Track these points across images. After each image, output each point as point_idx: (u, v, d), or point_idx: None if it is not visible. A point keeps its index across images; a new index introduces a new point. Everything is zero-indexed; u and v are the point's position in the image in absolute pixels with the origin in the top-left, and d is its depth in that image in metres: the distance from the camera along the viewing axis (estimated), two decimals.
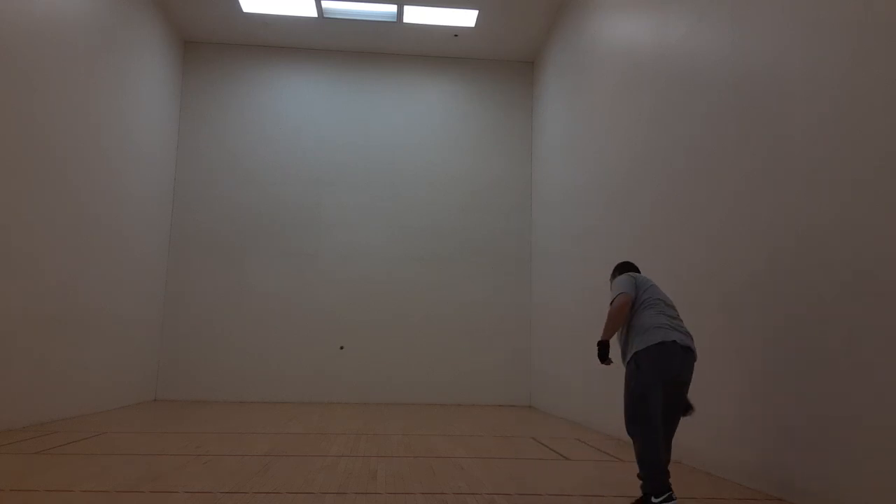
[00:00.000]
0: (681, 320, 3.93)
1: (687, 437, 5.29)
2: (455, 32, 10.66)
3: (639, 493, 3.69)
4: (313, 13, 10.16)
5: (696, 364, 5.37)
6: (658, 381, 3.67)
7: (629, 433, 3.75)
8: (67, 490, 3.92)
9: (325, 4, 9.98)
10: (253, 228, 10.88)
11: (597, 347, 3.90)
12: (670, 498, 3.50)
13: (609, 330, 3.89)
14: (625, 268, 4.34)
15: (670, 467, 3.71)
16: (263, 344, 10.56)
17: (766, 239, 4.37)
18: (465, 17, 10.21)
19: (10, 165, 6.27)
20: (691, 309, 5.37)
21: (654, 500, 3.51)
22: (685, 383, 3.83)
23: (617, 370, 6.97)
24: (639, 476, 3.66)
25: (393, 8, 9.99)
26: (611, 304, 3.92)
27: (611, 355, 3.97)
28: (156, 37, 9.91)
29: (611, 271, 4.41)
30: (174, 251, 10.68)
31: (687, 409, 3.86)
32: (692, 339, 3.84)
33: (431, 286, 10.96)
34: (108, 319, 8.44)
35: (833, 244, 3.74)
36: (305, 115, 11.24)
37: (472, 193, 11.25)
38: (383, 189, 11.18)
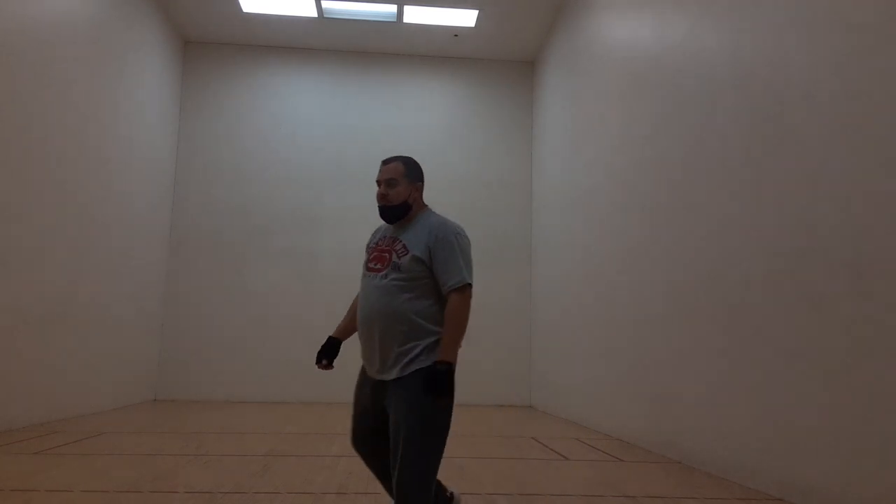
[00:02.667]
0: None
1: (687, 438, 5.30)
2: (455, 32, 10.66)
3: (639, 494, 3.69)
4: (313, 13, 10.16)
5: (695, 363, 5.39)
6: None
7: (431, 468, 2.50)
8: (67, 490, 3.92)
9: (325, 4, 9.98)
10: (253, 228, 10.88)
11: (441, 376, 2.43)
12: None
13: (461, 338, 2.56)
14: (420, 172, 2.94)
15: (669, 468, 3.70)
16: (263, 344, 10.55)
17: (766, 238, 4.36)
18: (465, 17, 10.20)
19: (10, 165, 6.27)
20: (691, 308, 5.38)
21: None
22: None
23: (619, 367, 7.00)
24: None
25: (393, 8, 9.98)
26: (457, 288, 2.56)
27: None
28: (156, 37, 9.91)
29: (407, 164, 2.92)
30: (174, 251, 10.67)
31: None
32: None
33: None
34: (108, 319, 8.44)
35: (833, 244, 3.74)
36: (305, 114, 11.24)
37: (472, 193, 11.24)
38: None
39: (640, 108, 6.71)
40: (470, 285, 2.58)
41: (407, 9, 9.95)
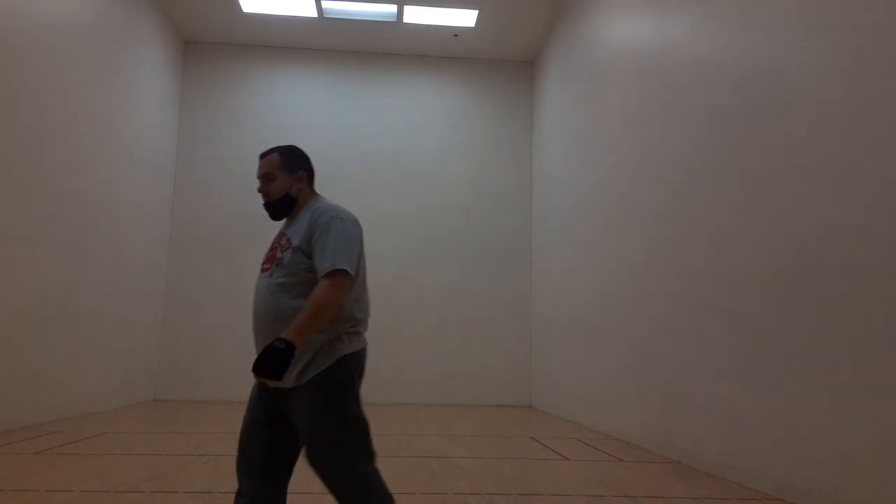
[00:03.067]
0: None
1: (687, 438, 5.30)
2: (455, 32, 10.66)
3: (639, 493, 3.69)
4: (313, 13, 10.16)
5: (694, 363, 5.39)
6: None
7: (360, 479, 2.34)
8: (67, 490, 3.92)
9: (325, 4, 9.98)
10: (253, 228, 10.83)
11: (270, 352, 2.12)
12: None
13: (315, 326, 2.19)
14: (302, 160, 2.70)
15: (669, 468, 3.69)
16: None
17: (767, 238, 4.37)
18: (465, 17, 10.21)
19: (10, 165, 6.27)
20: (691, 308, 5.38)
21: None
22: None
23: (619, 367, 7.00)
24: None
25: (393, 8, 9.98)
26: (327, 273, 2.22)
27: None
28: (156, 37, 9.91)
29: (284, 154, 2.65)
30: (174, 251, 10.67)
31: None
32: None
33: (431, 286, 10.95)
34: (108, 319, 8.44)
35: (834, 243, 3.74)
36: (305, 115, 11.23)
37: (472, 193, 11.24)
38: (383, 189, 11.17)
39: (640, 107, 6.71)
40: (343, 272, 2.22)
41: (407, 9, 9.95)
